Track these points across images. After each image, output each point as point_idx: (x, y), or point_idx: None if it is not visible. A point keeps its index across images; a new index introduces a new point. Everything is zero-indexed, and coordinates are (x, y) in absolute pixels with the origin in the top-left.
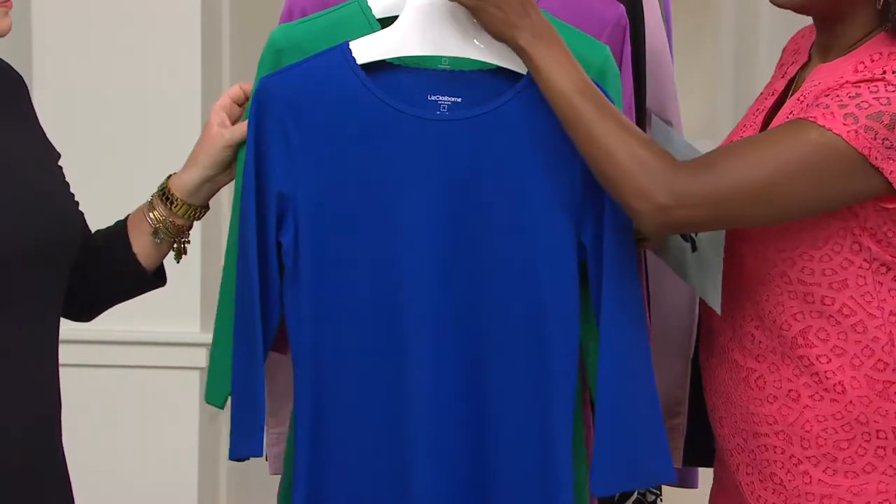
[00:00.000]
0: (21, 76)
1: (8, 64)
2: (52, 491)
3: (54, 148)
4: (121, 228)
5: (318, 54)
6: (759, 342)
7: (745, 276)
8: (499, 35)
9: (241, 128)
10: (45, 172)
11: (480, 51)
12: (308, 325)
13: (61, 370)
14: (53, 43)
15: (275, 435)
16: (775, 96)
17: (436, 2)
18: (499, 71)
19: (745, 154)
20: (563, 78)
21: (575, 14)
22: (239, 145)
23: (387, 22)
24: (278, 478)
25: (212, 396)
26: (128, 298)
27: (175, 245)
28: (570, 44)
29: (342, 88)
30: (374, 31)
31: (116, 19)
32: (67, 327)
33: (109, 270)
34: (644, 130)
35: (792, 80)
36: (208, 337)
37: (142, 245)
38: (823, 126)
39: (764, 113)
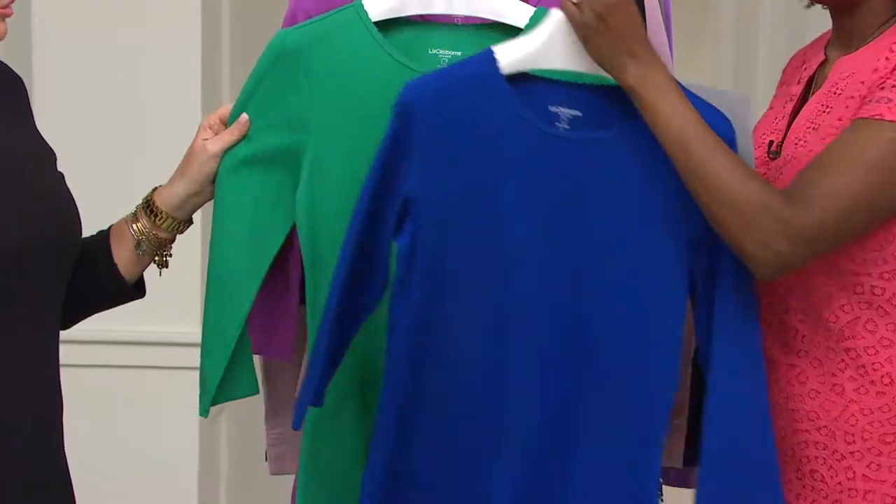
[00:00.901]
0: (19, 76)
1: (5, 64)
2: (54, 491)
3: (51, 148)
4: (103, 238)
5: (464, 61)
6: (803, 336)
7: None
8: (605, 65)
9: (224, 138)
10: (44, 173)
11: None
12: (412, 332)
13: (60, 370)
14: (53, 44)
15: (274, 435)
16: (794, 101)
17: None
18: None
19: (836, 177)
20: (678, 119)
21: None
22: (223, 152)
23: (383, 26)
24: (277, 478)
25: (200, 404)
26: (106, 308)
27: (157, 258)
28: None
29: (486, 99)
30: (371, 36)
31: (116, 22)
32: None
33: (90, 280)
34: None
35: (810, 81)
36: None
37: (123, 257)
38: (894, 121)
39: (786, 118)
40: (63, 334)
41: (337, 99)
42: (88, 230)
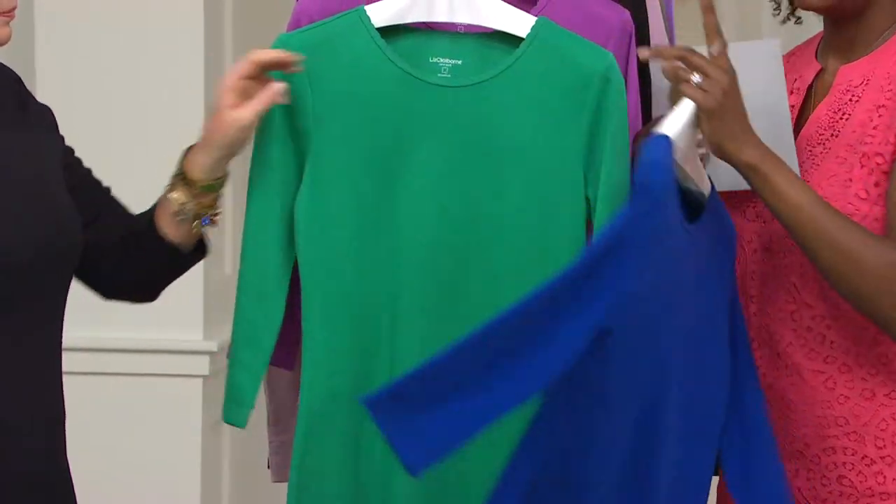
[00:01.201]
0: (17, 75)
1: (3, 65)
2: (56, 495)
3: (57, 140)
4: (150, 213)
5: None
6: (832, 342)
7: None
8: (725, 145)
9: (254, 107)
10: (43, 176)
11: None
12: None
13: (64, 378)
14: (56, 45)
15: (277, 443)
16: (796, 109)
17: None
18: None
19: None
20: (798, 191)
21: (580, 20)
22: (255, 123)
23: (385, 32)
24: (280, 486)
25: (232, 415)
26: (179, 275)
27: (206, 217)
28: (574, 51)
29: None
30: (374, 42)
31: (118, 20)
32: (68, 336)
33: (148, 256)
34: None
35: (809, 90)
36: (211, 345)
37: (170, 226)
38: None
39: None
40: (64, 342)
41: (338, 104)
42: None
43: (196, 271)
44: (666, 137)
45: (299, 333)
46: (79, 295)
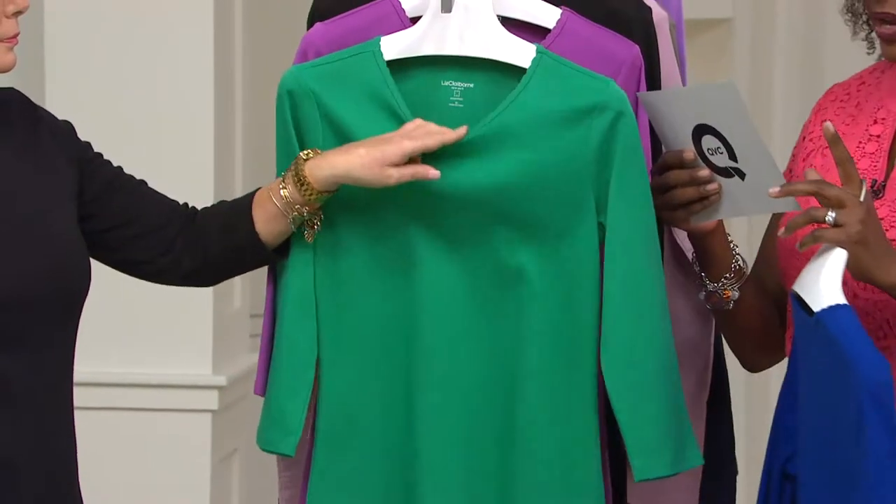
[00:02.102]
0: (23, 95)
1: (26, 97)
2: None
3: (71, 162)
4: (246, 203)
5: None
6: None
7: None
8: (872, 272)
9: (403, 173)
10: (53, 214)
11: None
12: None
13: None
14: (65, 52)
15: (287, 477)
16: (888, 141)
17: None
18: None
19: None
20: None
21: (589, 54)
22: (391, 185)
23: (397, 65)
24: None
25: (279, 444)
26: (250, 270)
27: (306, 224)
28: (577, 78)
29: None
30: (383, 77)
31: (128, 19)
32: (76, 370)
33: (230, 246)
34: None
35: None
36: (220, 379)
37: (264, 222)
38: None
39: (884, 157)
40: (75, 377)
41: (346, 140)
42: None
43: (205, 305)
44: (848, 308)
45: None
46: (87, 330)
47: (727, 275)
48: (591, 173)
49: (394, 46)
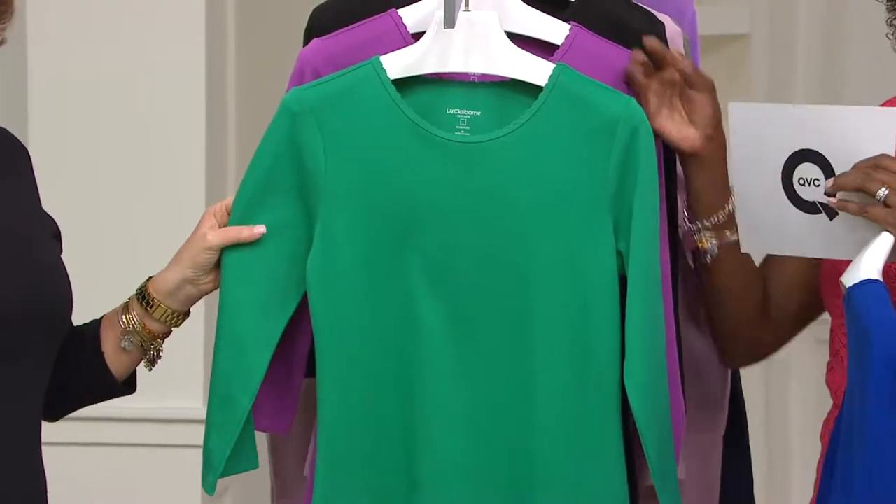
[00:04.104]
0: (23, 145)
1: (8, 132)
2: None
3: (51, 221)
4: (95, 325)
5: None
6: None
7: None
8: None
9: (228, 234)
10: (44, 245)
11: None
12: None
13: (56, 449)
14: (49, 57)
15: None
16: None
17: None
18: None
19: None
20: None
21: (600, 72)
22: (221, 250)
23: (399, 84)
24: None
25: (202, 478)
26: (93, 403)
27: (147, 353)
28: (596, 97)
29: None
30: (388, 95)
31: (117, 23)
32: None
33: (74, 369)
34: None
35: None
36: None
37: (111, 347)
38: None
39: None
40: None
41: (351, 161)
42: (81, 250)
43: (196, 337)
44: (878, 283)
45: (298, 398)
46: None
47: (719, 214)
48: (610, 193)
49: (395, 65)
